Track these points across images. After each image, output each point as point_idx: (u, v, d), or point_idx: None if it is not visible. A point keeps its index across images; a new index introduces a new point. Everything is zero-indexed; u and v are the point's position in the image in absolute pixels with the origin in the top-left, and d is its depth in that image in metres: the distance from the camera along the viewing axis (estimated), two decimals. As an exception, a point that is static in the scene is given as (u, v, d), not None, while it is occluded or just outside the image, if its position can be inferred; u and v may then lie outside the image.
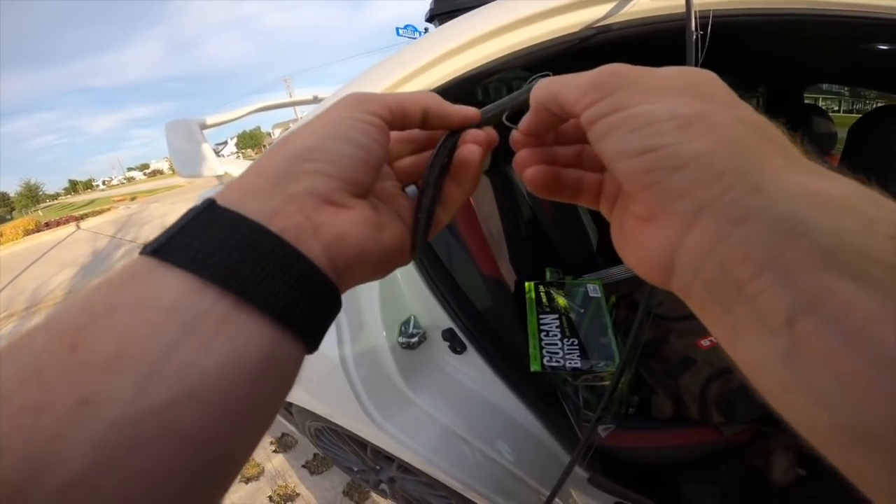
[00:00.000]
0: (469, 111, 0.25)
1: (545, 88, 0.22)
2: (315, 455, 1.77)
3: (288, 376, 0.18)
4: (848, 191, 0.14)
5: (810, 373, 0.13)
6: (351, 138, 0.21)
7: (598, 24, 0.65)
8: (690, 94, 0.17)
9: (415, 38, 1.06)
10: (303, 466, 1.74)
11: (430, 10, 1.44)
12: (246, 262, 0.16)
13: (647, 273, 0.19)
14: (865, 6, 0.57)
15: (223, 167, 1.01)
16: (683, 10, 0.57)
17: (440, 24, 0.86)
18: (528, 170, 0.24)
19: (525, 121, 0.24)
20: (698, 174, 0.15)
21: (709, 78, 0.18)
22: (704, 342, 0.91)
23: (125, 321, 0.14)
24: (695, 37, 0.54)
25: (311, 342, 0.18)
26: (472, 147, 0.25)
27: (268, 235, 0.17)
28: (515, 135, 0.25)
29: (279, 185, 0.19)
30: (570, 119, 0.22)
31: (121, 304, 0.15)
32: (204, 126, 1.01)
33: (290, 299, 0.17)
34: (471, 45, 0.71)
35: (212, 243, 0.16)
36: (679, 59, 0.57)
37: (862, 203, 0.14)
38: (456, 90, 0.74)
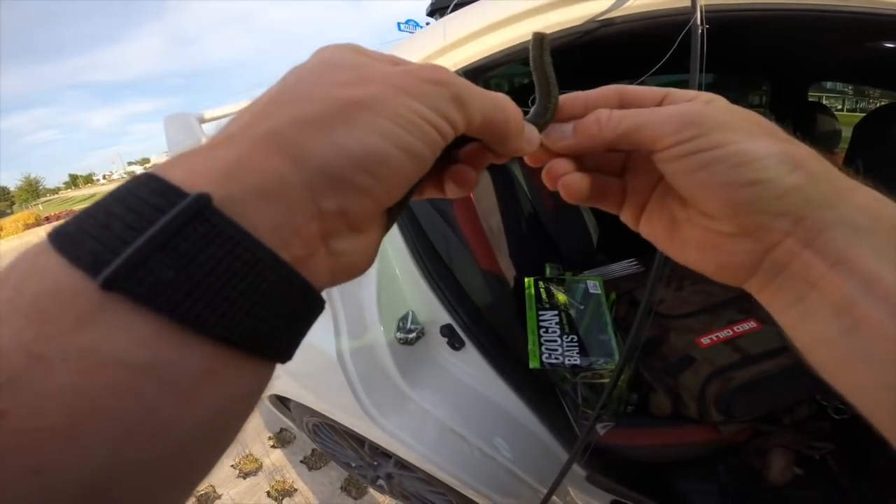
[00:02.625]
0: (535, 138, 0.23)
1: (617, 126, 0.22)
2: (313, 450, 1.77)
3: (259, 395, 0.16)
4: (881, 200, 0.19)
5: (866, 343, 0.17)
6: (418, 153, 0.17)
7: (600, 18, 0.64)
8: (769, 134, 0.20)
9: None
10: (301, 462, 1.74)
11: (432, 4, 1.43)
12: (252, 310, 0.13)
13: (725, 276, 0.22)
14: (872, 3, 0.56)
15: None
16: (688, 3, 0.56)
17: (441, 18, 0.85)
18: (567, 177, 0.24)
19: (568, 146, 0.23)
20: (796, 199, 0.19)
21: (765, 119, 0.21)
22: (704, 340, 0.91)
23: (71, 382, 0.11)
24: (700, 31, 0.53)
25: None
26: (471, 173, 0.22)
27: (283, 273, 0.14)
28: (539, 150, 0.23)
29: (313, 192, 0.15)
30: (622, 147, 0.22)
31: (53, 356, 0.11)
32: (202, 120, 1.00)
33: (289, 341, 0.15)
34: (471, 38, 0.71)
35: (209, 283, 0.12)
36: (683, 54, 0.57)
37: (892, 210, 0.18)
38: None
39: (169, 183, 0.13)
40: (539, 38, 0.24)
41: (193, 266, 0.12)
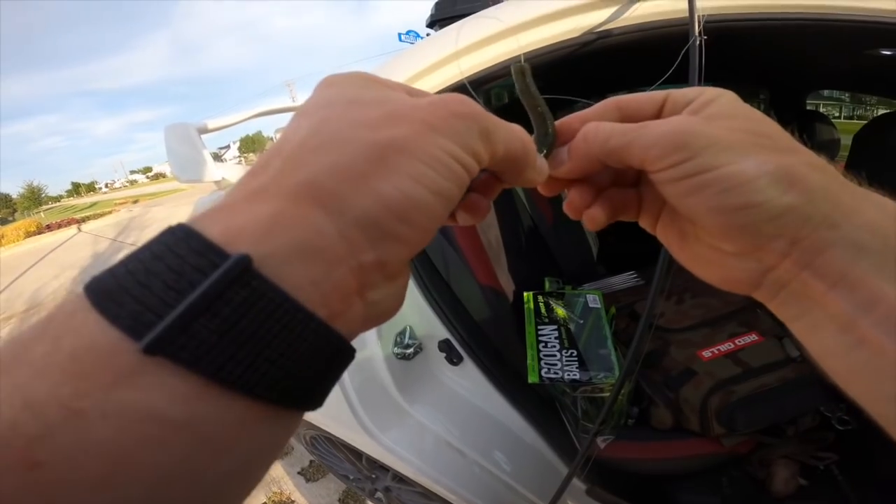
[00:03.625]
0: (545, 168, 0.22)
1: (602, 141, 0.21)
2: (311, 462, 1.75)
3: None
4: (889, 213, 0.18)
5: (872, 358, 0.17)
6: (448, 194, 0.16)
7: (598, 30, 0.64)
8: (765, 147, 0.19)
9: (415, 44, 1.05)
10: (298, 473, 1.73)
11: (431, 15, 1.44)
12: (290, 369, 0.13)
13: (730, 288, 0.22)
14: (870, 10, 0.56)
15: (220, 172, 1.00)
16: (685, 15, 0.56)
17: (441, 29, 0.86)
18: (589, 211, 0.24)
19: (566, 171, 0.23)
20: (791, 220, 0.18)
21: (769, 124, 0.21)
22: (706, 353, 0.90)
23: (109, 437, 0.11)
24: (698, 42, 0.53)
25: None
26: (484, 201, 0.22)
27: (321, 332, 0.14)
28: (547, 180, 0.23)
29: (352, 246, 0.14)
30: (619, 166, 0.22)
31: (91, 411, 0.11)
32: (205, 130, 1.00)
33: (321, 392, 0.15)
34: (469, 50, 0.71)
35: (250, 346, 0.13)
36: (681, 65, 0.56)
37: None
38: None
39: (208, 241, 0.13)
40: (519, 69, 0.23)
41: (235, 330, 0.12)
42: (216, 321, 0.12)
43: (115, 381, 0.11)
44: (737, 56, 0.99)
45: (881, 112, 1.32)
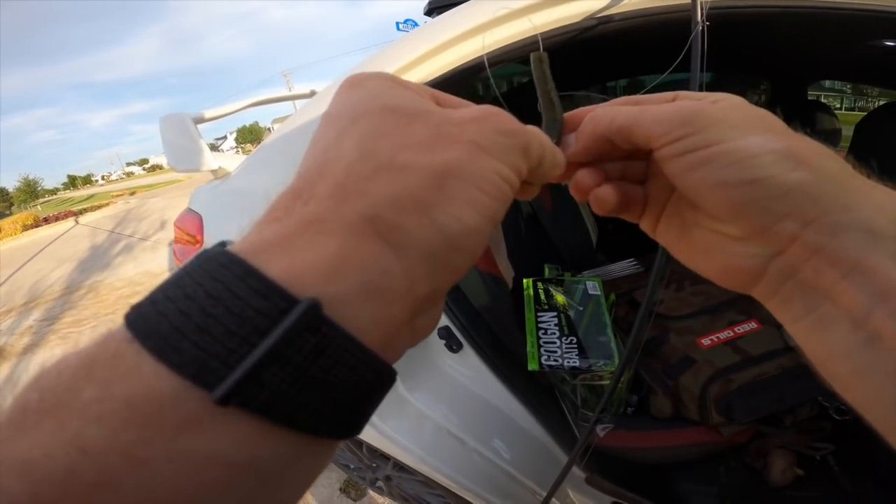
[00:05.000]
0: (563, 161, 0.22)
1: (609, 120, 0.21)
2: (311, 452, 1.76)
3: None
4: None
5: (882, 356, 0.16)
6: (498, 217, 0.17)
7: (598, 15, 0.63)
8: (772, 129, 0.19)
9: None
10: (299, 463, 1.74)
11: (429, 3, 1.42)
12: (352, 408, 0.14)
13: (731, 281, 0.21)
14: (874, 1, 0.56)
15: (217, 162, 1.00)
16: (687, 1, 0.55)
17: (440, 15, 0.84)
18: (597, 190, 0.23)
19: (574, 153, 0.23)
20: (801, 199, 0.17)
21: (767, 113, 0.20)
22: (705, 341, 0.90)
23: (175, 481, 0.11)
24: (700, 28, 0.52)
25: None
26: None
27: (380, 371, 0.14)
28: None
29: (412, 282, 0.14)
30: (626, 147, 0.22)
31: (157, 459, 0.11)
32: (202, 120, 0.99)
33: (368, 418, 0.15)
34: (468, 35, 0.70)
35: (319, 392, 0.13)
36: (682, 52, 0.56)
37: None
38: (454, 82, 0.73)
39: (271, 282, 0.12)
40: (538, 56, 0.24)
41: (305, 378, 0.12)
42: (287, 369, 0.12)
43: (180, 428, 0.11)
44: (739, 44, 0.99)
45: (882, 103, 1.32)
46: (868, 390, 0.16)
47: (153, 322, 0.12)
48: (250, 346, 0.12)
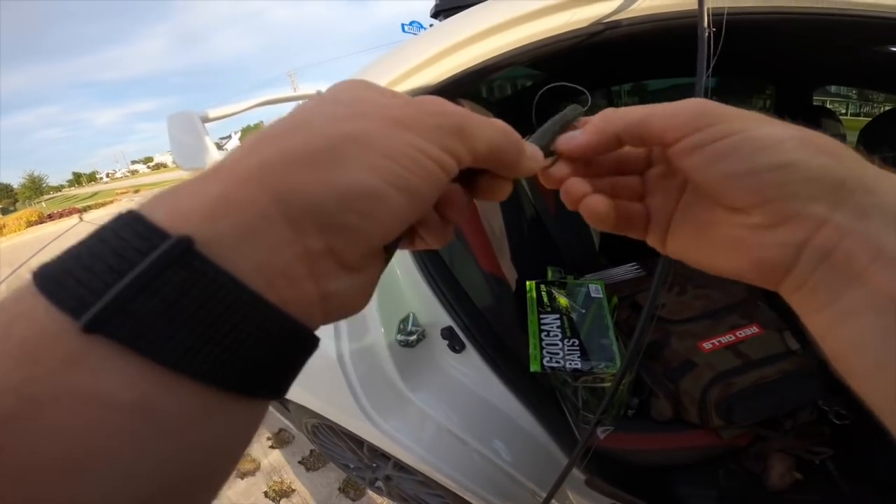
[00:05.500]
0: (539, 155, 0.22)
1: (624, 117, 0.22)
2: (312, 451, 1.76)
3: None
4: None
5: None
6: (418, 192, 0.16)
7: (606, 20, 0.64)
8: (776, 123, 0.19)
9: (419, 34, 1.05)
10: (299, 462, 1.74)
11: (436, 5, 1.43)
12: (238, 352, 0.13)
13: (762, 275, 0.20)
14: (879, 7, 0.56)
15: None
16: (694, 7, 0.55)
17: (445, 19, 0.85)
18: (588, 198, 0.23)
19: (580, 144, 0.23)
20: (827, 182, 0.18)
21: (770, 115, 0.20)
22: (706, 345, 0.90)
23: (64, 421, 0.11)
24: (707, 34, 0.52)
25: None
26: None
27: (268, 314, 0.14)
28: (553, 169, 0.23)
29: (298, 232, 0.14)
30: (632, 146, 0.22)
31: (44, 397, 0.11)
32: (206, 119, 1.00)
33: (280, 379, 0.15)
34: (475, 39, 0.70)
35: (191, 326, 0.12)
36: (689, 57, 0.56)
37: None
38: (460, 86, 0.73)
39: (152, 224, 0.13)
40: (576, 113, 0.24)
41: (174, 310, 0.12)
42: (154, 300, 0.12)
43: (63, 365, 0.11)
44: (744, 49, 0.99)
45: (887, 108, 1.32)
46: (889, 386, 0.16)
47: (49, 267, 0.13)
48: (123, 279, 0.12)
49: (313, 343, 0.16)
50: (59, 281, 0.12)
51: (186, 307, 0.12)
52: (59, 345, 0.11)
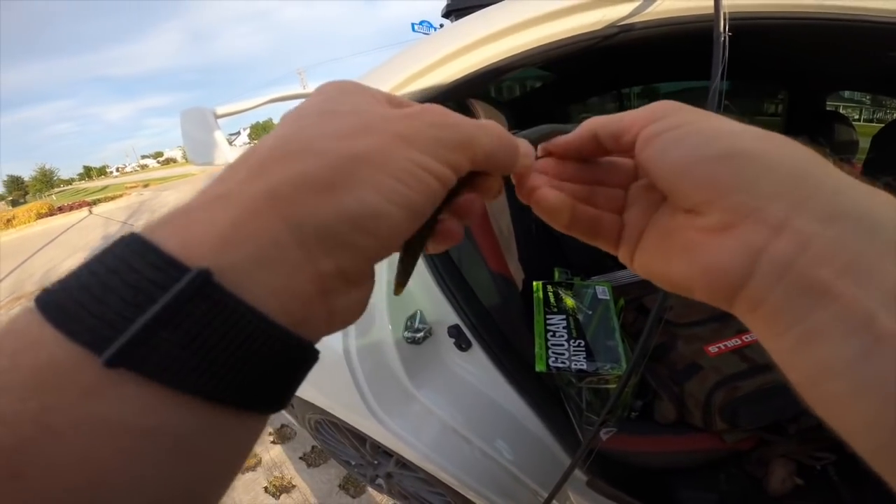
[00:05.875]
0: (530, 151, 0.23)
1: (602, 117, 0.22)
2: (313, 447, 1.77)
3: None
4: (885, 195, 0.16)
5: (887, 368, 0.13)
6: (417, 208, 0.16)
7: (620, 23, 0.64)
8: (739, 122, 0.18)
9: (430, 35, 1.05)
10: (300, 458, 1.75)
11: (448, 5, 1.43)
12: (255, 375, 0.14)
13: (714, 287, 0.18)
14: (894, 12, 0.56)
15: (235, 155, 1.01)
16: (709, 11, 0.55)
17: (457, 19, 0.85)
18: (540, 190, 0.23)
19: (562, 141, 0.23)
20: (787, 178, 0.16)
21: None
22: (712, 349, 0.90)
23: (83, 448, 0.11)
24: (723, 38, 0.52)
25: None
26: (476, 199, 0.22)
27: (283, 339, 0.14)
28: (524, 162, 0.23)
29: (309, 255, 0.15)
30: (608, 151, 0.22)
31: (62, 425, 0.11)
32: (216, 116, 1.01)
33: (286, 394, 0.16)
34: (487, 41, 0.71)
35: (213, 356, 0.13)
36: (702, 61, 0.56)
37: None
38: (472, 87, 0.73)
39: (167, 255, 0.13)
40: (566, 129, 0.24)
41: (198, 342, 0.13)
42: (178, 333, 0.12)
43: (81, 395, 0.12)
44: (759, 54, 0.99)
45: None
46: (868, 412, 0.14)
47: (55, 295, 0.13)
48: (142, 313, 0.12)
49: (316, 358, 0.17)
50: (71, 313, 0.12)
51: (208, 339, 0.13)
52: (76, 376, 0.12)
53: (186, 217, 0.14)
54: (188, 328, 0.12)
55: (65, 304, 0.12)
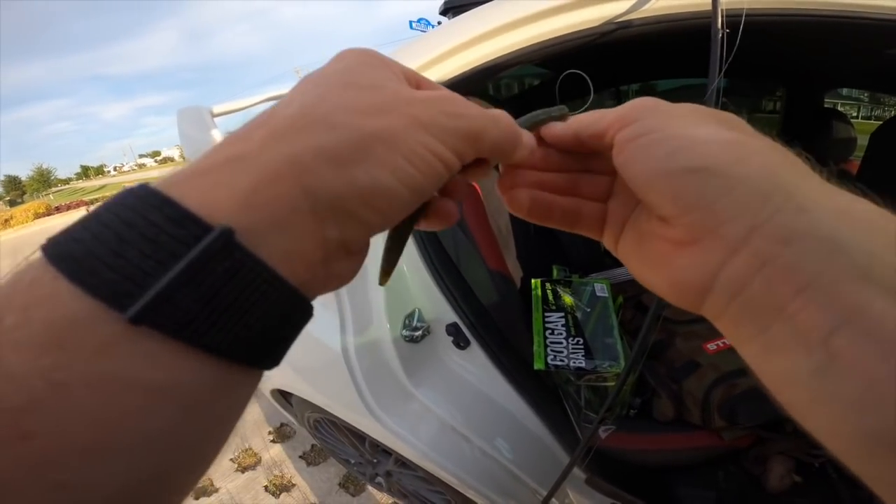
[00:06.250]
0: (531, 141, 0.23)
1: (578, 119, 0.22)
2: (312, 446, 1.77)
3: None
4: (872, 210, 0.16)
5: (842, 383, 0.13)
6: (422, 190, 0.17)
7: (618, 20, 0.63)
8: (721, 124, 0.18)
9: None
10: (300, 457, 1.75)
11: (445, 2, 1.42)
12: (267, 334, 0.14)
13: (679, 297, 0.19)
14: (893, 9, 0.56)
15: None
16: (707, 8, 0.55)
17: (455, 17, 0.85)
18: (512, 191, 0.23)
19: (551, 134, 0.23)
20: (748, 197, 0.16)
21: (731, 115, 0.20)
22: (711, 346, 0.90)
23: (94, 405, 0.11)
24: (720, 35, 0.52)
25: None
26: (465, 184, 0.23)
27: (294, 300, 0.15)
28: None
29: (321, 222, 0.15)
30: (589, 149, 0.22)
31: (74, 382, 0.11)
32: (213, 114, 1.00)
33: (286, 349, 0.16)
34: (485, 37, 0.70)
35: (231, 313, 0.13)
36: (701, 58, 0.56)
37: (886, 222, 0.15)
38: (469, 83, 0.73)
39: (186, 210, 0.13)
40: (562, 112, 0.24)
41: (217, 299, 0.13)
42: (200, 291, 0.12)
43: (96, 351, 0.11)
44: (757, 51, 0.98)
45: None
46: (827, 421, 0.14)
47: (67, 247, 0.12)
48: (164, 269, 0.12)
49: (311, 316, 0.17)
50: (88, 266, 0.12)
51: (227, 296, 0.13)
52: (91, 331, 0.12)
53: (204, 177, 0.14)
54: (210, 285, 0.13)
55: (79, 256, 0.12)
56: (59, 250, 0.12)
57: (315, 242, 0.15)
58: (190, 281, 0.12)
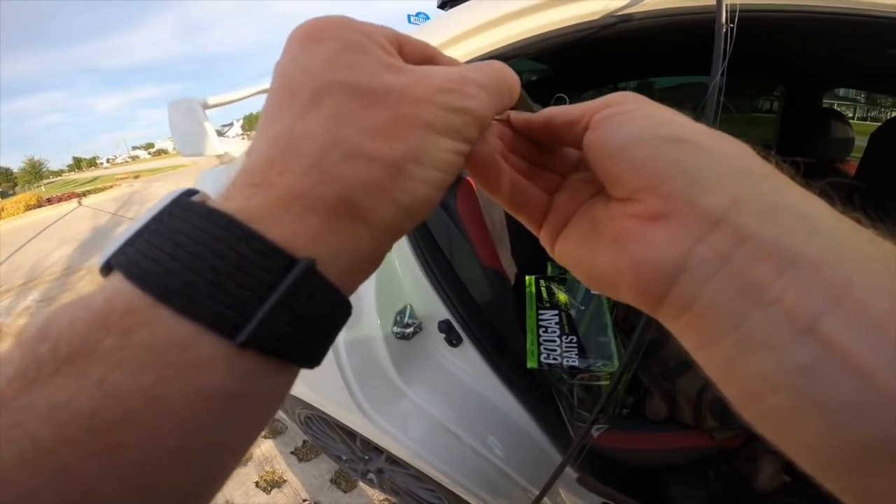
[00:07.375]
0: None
1: (553, 108, 0.23)
2: (304, 442, 1.76)
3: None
4: (822, 203, 0.16)
5: (834, 382, 0.12)
6: (447, 184, 0.19)
7: (619, 13, 0.62)
8: (694, 123, 0.19)
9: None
10: (291, 453, 1.74)
11: (443, -4, 1.41)
12: (329, 341, 0.17)
13: (643, 282, 0.16)
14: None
15: (223, 146, 0.99)
16: (709, 2, 0.54)
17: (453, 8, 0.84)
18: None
19: (521, 119, 0.24)
20: (730, 170, 0.16)
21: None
22: (705, 347, 0.90)
23: (183, 414, 0.13)
24: (725, 30, 0.51)
25: None
26: None
27: (348, 312, 0.17)
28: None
29: (379, 245, 0.17)
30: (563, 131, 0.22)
31: (170, 395, 0.13)
32: (206, 106, 0.99)
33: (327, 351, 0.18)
34: (481, 30, 0.69)
35: (311, 331, 0.16)
36: (701, 56, 0.55)
37: (837, 213, 0.15)
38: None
39: (274, 245, 0.15)
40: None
41: (302, 321, 0.15)
42: (289, 315, 0.15)
43: (192, 368, 0.13)
44: (757, 49, 0.98)
45: None
46: (814, 431, 0.13)
47: (161, 277, 0.14)
48: (260, 298, 0.14)
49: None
50: (189, 297, 0.13)
51: (308, 317, 0.15)
52: (191, 351, 0.13)
53: (277, 213, 0.15)
54: (297, 309, 0.15)
55: (179, 288, 0.13)
56: (156, 282, 0.14)
57: (370, 262, 0.18)
58: (284, 307, 0.14)
